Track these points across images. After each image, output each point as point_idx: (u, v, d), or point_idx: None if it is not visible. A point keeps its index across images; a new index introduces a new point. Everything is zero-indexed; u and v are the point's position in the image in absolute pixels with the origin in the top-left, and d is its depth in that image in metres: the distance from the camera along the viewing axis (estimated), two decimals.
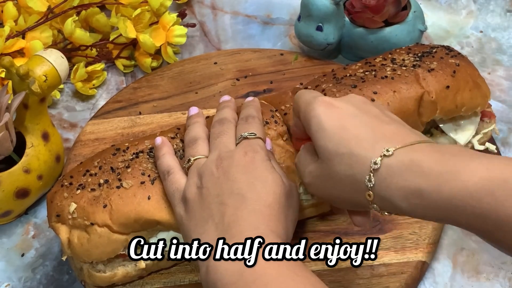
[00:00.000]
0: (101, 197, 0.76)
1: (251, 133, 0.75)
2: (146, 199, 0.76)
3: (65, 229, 0.76)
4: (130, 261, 0.79)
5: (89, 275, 0.78)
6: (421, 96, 0.83)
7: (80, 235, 0.75)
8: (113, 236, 0.75)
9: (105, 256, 0.76)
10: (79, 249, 0.75)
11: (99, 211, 0.75)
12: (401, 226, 0.85)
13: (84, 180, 0.78)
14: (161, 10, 1.05)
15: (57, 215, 0.77)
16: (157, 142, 0.79)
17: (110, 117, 0.99)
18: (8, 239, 0.89)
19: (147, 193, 0.76)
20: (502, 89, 1.04)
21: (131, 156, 0.80)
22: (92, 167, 0.80)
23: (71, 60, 1.05)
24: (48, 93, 0.86)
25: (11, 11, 1.02)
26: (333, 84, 0.85)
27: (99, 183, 0.77)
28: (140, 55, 1.07)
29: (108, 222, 0.75)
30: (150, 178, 0.77)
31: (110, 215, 0.75)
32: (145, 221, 0.75)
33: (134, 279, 0.81)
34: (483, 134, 0.89)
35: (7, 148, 0.83)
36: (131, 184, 0.77)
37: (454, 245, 0.86)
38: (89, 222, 0.75)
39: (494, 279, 0.83)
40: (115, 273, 0.78)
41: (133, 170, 0.78)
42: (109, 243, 0.75)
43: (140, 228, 0.76)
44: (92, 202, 0.76)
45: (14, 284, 0.85)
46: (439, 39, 1.12)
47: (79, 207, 0.76)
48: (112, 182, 0.77)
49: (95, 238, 0.75)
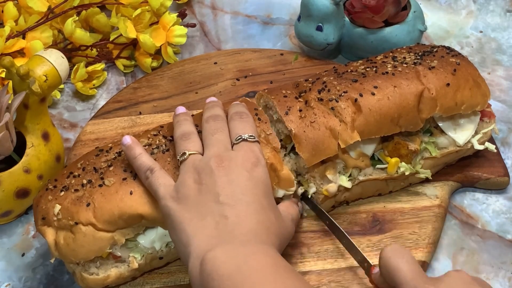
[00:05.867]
0: (84, 197, 0.76)
1: (250, 135, 0.75)
2: (128, 194, 0.76)
3: (51, 231, 0.77)
4: (123, 262, 0.79)
5: (82, 279, 0.78)
6: (421, 92, 0.83)
7: (65, 236, 0.76)
8: (98, 234, 0.75)
9: (92, 254, 0.76)
10: (66, 250, 0.76)
11: (82, 210, 0.75)
12: (401, 226, 0.85)
13: (67, 182, 0.79)
14: (161, 10, 1.05)
15: (43, 218, 0.77)
16: (127, 142, 0.78)
17: (110, 117, 0.99)
18: (8, 239, 0.89)
19: (129, 188, 0.76)
20: (502, 89, 1.04)
21: (113, 156, 0.80)
22: (75, 169, 0.80)
23: (71, 60, 1.05)
24: (48, 93, 0.86)
25: (12, 11, 1.02)
26: (334, 78, 0.85)
27: (82, 184, 0.78)
28: (140, 55, 1.07)
29: (92, 220, 0.75)
30: (132, 173, 0.77)
31: (93, 213, 0.75)
32: (129, 217, 0.76)
33: (127, 280, 0.81)
34: (483, 134, 0.89)
35: (8, 148, 0.83)
36: (113, 181, 0.77)
37: (454, 245, 0.86)
38: (74, 221, 0.75)
39: (494, 279, 0.83)
40: (108, 275, 0.78)
41: (115, 168, 0.78)
42: (94, 241, 0.75)
43: (125, 225, 0.76)
44: (75, 202, 0.76)
45: (14, 283, 0.85)
46: (439, 39, 1.12)
47: (63, 208, 0.76)
48: (95, 181, 0.77)
49: (80, 237, 0.75)
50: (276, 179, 0.79)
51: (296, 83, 0.87)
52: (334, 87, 0.84)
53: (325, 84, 0.84)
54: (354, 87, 0.83)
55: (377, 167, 0.85)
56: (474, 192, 0.92)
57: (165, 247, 0.80)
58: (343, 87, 0.83)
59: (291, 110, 0.82)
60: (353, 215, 0.87)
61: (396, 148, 0.85)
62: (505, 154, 0.95)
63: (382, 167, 0.85)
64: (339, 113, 0.81)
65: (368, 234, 0.85)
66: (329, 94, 0.83)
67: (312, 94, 0.83)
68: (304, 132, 0.81)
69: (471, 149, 0.89)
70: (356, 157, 0.84)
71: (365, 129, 0.82)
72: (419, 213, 0.87)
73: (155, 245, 0.79)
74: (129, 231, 0.77)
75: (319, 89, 0.84)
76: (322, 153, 0.81)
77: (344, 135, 0.81)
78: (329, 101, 0.82)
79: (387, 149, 0.85)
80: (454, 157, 0.90)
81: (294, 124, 0.81)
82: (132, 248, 0.79)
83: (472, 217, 0.89)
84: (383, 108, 0.82)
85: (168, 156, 0.78)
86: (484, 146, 0.89)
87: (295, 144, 0.81)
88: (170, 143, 0.80)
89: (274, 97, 0.85)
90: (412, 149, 0.85)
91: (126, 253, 0.79)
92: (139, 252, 0.79)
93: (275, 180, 0.79)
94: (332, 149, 0.81)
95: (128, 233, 0.77)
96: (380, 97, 0.82)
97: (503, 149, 0.96)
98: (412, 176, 0.87)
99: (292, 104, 0.83)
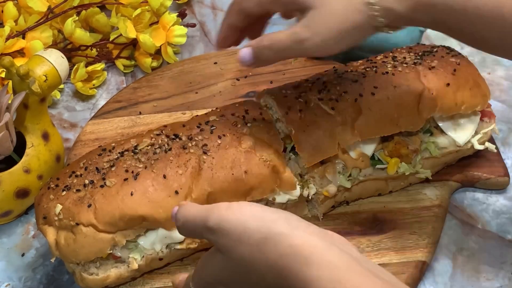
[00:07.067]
0: (86, 197, 0.76)
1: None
2: (129, 195, 0.75)
3: (52, 230, 0.77)
4: (123, 262, 0.79)
5: (82, 279, 0.78)
6: (421, 92, 0.83)
7: (66, 236, 0.76)
8: (99, 235, 0.75)
9: (92, 255, 0.76)
10: (66, 250, 0.76)
11: (83, 211, 0.75)
12: (401, 226, 0.85)
13: (69, 181, 0.78)
14: (161, 10, 1.05)
15: (44, 217, 0.77)
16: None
17: (110, 117, 0.99)
18: (8, 239, 0.89)
19: (130, 189, 0.76)
20: (502, 89, 1.04)
21: (116, 156, 0.80)
22: (78, 168, 0.80)
23: (71, 60, 1.05)
24: (48, 93, 0.86)
25: (11, 11, 1.02)
26: (334, 78, 0.85)
27: (84, 184, 0.77)
28: (140, 55, 1.07)
29: (93, 221, 0.75)
30: (134, 174, 0.77)
31: (94, 215, 0.75)
32: (130, 218, 0.75)
33: (127, 280, 0.80)
34: (483, 134, 0.89)
35: (7, 148, 0.83)
36: (115, 182, 0.76)
37: (454, 245, 0.86)
38: (75, 222, 0.75)
39: (494, 279, 0.83)
40: (108, 275, 0.78)
41: (117, 169, 0.78)
42: (95, 242, 0.75)
43: (126, 226, 0.76)
44: (77, 203, 0.76)
45: (14, 284, 0.85)
46: (439, 39, 1.12)
47: (65, 208, 0.76)
48: (97, 182, 0.77)
49: (80, 238, 0.75)
50: (278, 181, 0.79)
51: (296, 83, 0.87)
52: (334, 87, 0.84)
53: (325, 84, 0.84)
54: (354, 87, 0.83)
55: (377, 167, 0.85)
56: (474, 192, 0.92)
57: (166, 249, 0.80)
58: (343, 87, 0.83)
59: (291, 110, 0.82)
60: (353, 215, 0.87)
61: (396, 148, 0.84)
62: (505, 154, 0.95)
63: (382, 167, 0.85)
64: (339, 113, 0.81)
65: (368, 234, 0.85)
66: (329, 94, 0.83)
67: (312, 94, 0.83)
68: (304, 132, 0.81)
69: (471, 149, 0.89)
70: (356, 157, 0.84)
71: (365, 129, 0.82)
72: (419, 213, 0.86)
73: (155, 247, 0.79)
74: (130, 233, 0.77)
75: (319, 89, 0.84)
76: (322, 153, 0.81)
77: (344, 135, 0.81)
78: (329, 101, 0.82)
79: (387, 149, 0.85)
80: (454, 157, 0.90)
81: (294, 124, 0.81)
82: (132, 249, 0.79)
83: (472, 217, 0.89)
84: (383, 108, 0.82)
85: (171, 155, 0.78)
86: (484, 146, 0.89)
87: (295, 144, 0.81)
88: (173, 142, 0.80)
89: (274, 97, 0.85)
90: (412, 149, 0.85)
91: (126, 253, 0.78)
92: (139, 253, 0.79)
93: (277, 183, 0.79)
94: (332, 149, 0.81)
95: (129, 234, 0.77)
96: (380, 97, 0.82)
97: (503, 149, 0.96)
98: (412, 176, 0.87)
99: (292, 104, 0.83)
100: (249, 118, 0.83)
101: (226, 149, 0.79)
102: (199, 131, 0.82)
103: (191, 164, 0.78)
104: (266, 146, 0.80)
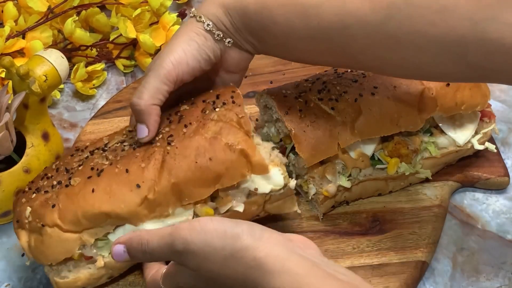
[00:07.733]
0: (52, 198, 0.75)
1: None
2: (90, 193, 0.74)
3: (24, 233, 0.76)
4: (94, 262, 0.77)
5: (55, 283, 0.77)
6: (422, 92, 0.83)
7: (36, 238, 0.75)
8: (64, 235, 0.74)
9: (61, 256, 0.75)
10: (36, 252, 0.75)
11: (48, 212, 0.74)
12: (401, 226, 0.85)
13: (41, 183, 0.78)
14: (161, 10, 1.05)
15: (17, 220, 0.77)
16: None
17: (110, 117, 0.99)
18: (8, 239, 0.89)
19: (92, 186, 0.74)
20: (502, 89, 1.04)
21: (86, 155, 0.79)
22: (50, 170, 0.79)
23: (71, 60, 1.05)
24: (48, 93, 0.86)
25: (11, 11, 1.02)
26: (334, 78, 0.85)
27: (52, 185, 0.76)
28: (140, 55, 1.07)
29: (57, 221, 0.74)
30: (98, 171, 0.75)
31: (58, 215, 0.74)
32: (93, 216, 0.73)
33: (102, 281, 0.78)
34: (483, 134, 0.89)
35: (7, 148, 0.83)
36: (79, 181, 0.75)
37: (454, 245, 0.86)
38: (41, 224, 0.74)
39: (494, 279, 0.83)
40: (78, 277, 0.77)
41: (84, 167, 0.77)
42: (60, 242, 0.74)
43: (90, 225, 0.74)
44: (43, 204, 0.75)
45: (14, 284, 0.85)
46: None
47: (33, 210, 0.75)
48: (64, 182, 0.76)
49: (47, 240, 0.74)
50: (248, 166, 0.74)
51: (296, 83, 0.87)
52: (334, 87, 0.84)
53: (325, 84, 0.84)
54: (354, 87, 0.83)
55: (377, 167, 0.85)
56: (474, 192, 0.92)
57: None
58: (343, 87, 0.83)
59: (291, 110, 0.82)
60: (353, 215, 0.87)
61: (396, 148, 0.84)
62: (505, 154, 0.95)
63: (382, 167, 0.85)
64: (339, 113, 0.81)
65: (368, 234, 0.85)
66: (329, 94, 0.83)
67: (312, 94, 0.83)
68: (304, 132, 0.81)
69: (471, 149, 0.89)
70: (356, 157, 0.84)
71: (365, 129, 0.82)
72: (419, 213, 0.86)
73: None
74: (97, 231, 0.75)
75: (319, 89, 0.84)
76: (322, 153, 0.81)
77: (344, 135, 0.81)
78: (329, 101, 0.82)
79: (387, 149, 0.85)
80: (454, 157, 0.90)
81: (294, 124, 0.81)
82: (102, 247, 0.77)
83: (472, 217, 0.89)
84: (383, 108, 0.82)
85: (138, 151, 0.76)
86: (484, 146, 0.89)
87: (295, 144, 0.81)
88: None
89: (274, 97, 0.85)
90: (412, 149, 0.85)
91: (97, 253, 0.77)
92: (108, 250, 0.77)
93: (248, 167, 0.74)
94: (332, 149, 0.81)
95: (96, 233, 0.75)
96: (380, 97, 0.82)
97: (503, 149, 0.96)
98: (412, 176, 0.87)
99: (292, 104, 0.83)
100: (219, 103, 0.78)
101: (190, 138, 0.75)
102: (168, 123, 0.78)
103: (155, 156, 0.75)
104: (234, 130, 0.75)
